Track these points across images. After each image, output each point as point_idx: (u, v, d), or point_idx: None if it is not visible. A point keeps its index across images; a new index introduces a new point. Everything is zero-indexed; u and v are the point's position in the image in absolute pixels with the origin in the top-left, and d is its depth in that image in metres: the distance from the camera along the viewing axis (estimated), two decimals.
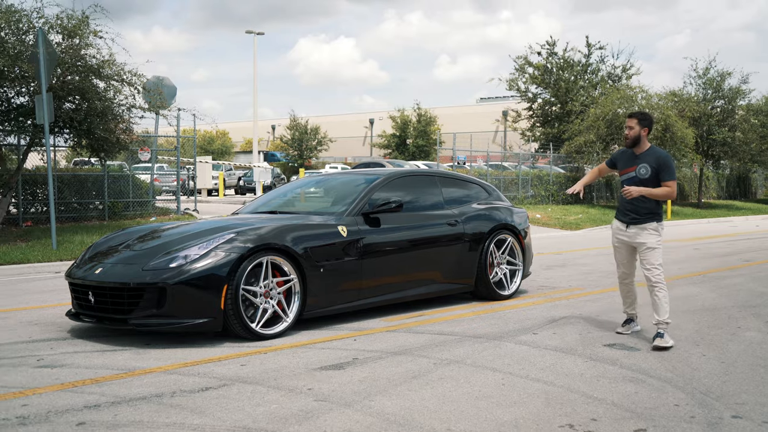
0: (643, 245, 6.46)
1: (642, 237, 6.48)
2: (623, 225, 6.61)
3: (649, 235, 6.45)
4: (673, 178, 6.42)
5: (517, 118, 34.52)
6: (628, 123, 6.52)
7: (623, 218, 6.61)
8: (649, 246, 6.44)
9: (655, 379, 5.26)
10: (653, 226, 6.46)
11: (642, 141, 6.49)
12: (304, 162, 53.46)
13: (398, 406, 4.58)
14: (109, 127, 14.88)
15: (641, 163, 6.44)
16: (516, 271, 8.74)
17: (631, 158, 6.55)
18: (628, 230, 6.56)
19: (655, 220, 6.46)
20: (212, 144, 69.07)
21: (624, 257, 6.74)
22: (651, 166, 6.39)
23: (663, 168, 6.37)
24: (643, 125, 6.47)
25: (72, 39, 14.30)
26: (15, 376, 5.23)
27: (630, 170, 6.51)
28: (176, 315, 6.07)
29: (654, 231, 6.46)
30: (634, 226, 6.51)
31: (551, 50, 32.15)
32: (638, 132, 6.45)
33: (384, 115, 61.65)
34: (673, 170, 6.44)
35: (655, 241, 6.44)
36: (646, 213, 6.47)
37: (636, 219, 6.50)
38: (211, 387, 4.94)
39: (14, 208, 16.61)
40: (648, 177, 6.41)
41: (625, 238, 6.60)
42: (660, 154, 6.45)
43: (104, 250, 6.99)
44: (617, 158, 6.74)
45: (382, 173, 8.14)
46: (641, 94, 28.45)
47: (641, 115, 6.53)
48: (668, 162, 6.40)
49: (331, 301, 6.90)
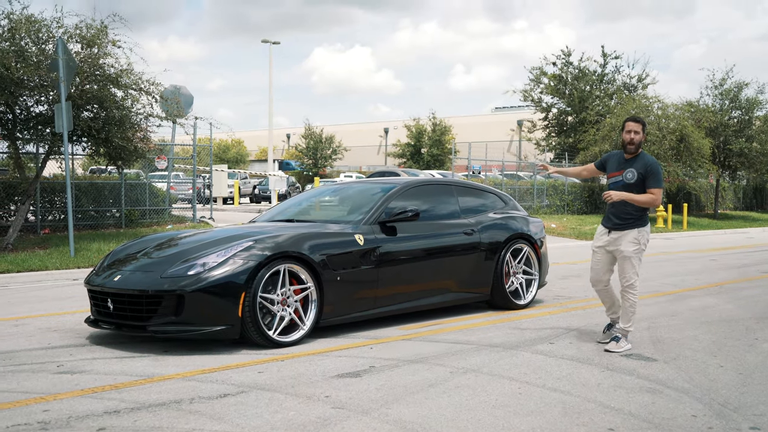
0: (620, 253, 6.39)
1: (620, 244, 6.39)
2: (605, 230, 6.54)
3: (629, 243, 6.35)
4: (660, 186, 6.33)
5: (532, 128, 34.51)
6: (633, 127, 6.41)
7: (607, 223, 6.54)
8: (626, 255, 6.35)
9: (673, 389, 5.25)
10: (634, 234, 6.35)
11: (640, 147, 6.46)
12: (318, 171, 53.59)
13: (415, 414, 4.59)
14: (126, 136, 14.98)
15: (629, 168, 6.36)
16: (532, 280, 8.73)
17: (621, 162, 6.48)
18: (609, 235, 6.48)
19: (636, 227, 6.36)
20: (227, 152, 69.42)
21: (598, 262, 6.65)
22: (638, 172, 6.31)
23: (651, 175, 6.29)
24: (644, 131, 6.47)
25: (91, 48, 14.43)
26: (35, 382, 5.28)
27: (617, 174, 6.44)
28: (194, 322, 6.12)
29: (634, 240, 6.35)
30: (616, 231, 6.43)
31: (566, 60, 32.14)
32: (642, 137, 6.41)
33: (399, 124, 61.75)
34: (661, 178, 6.35)
35: (633, 250, 6.35)
36: (628, 219, 6.37)
37: (618, 225, 6.40)
38: (229, 394, 4.97)
39: (32, 215, 16.75)
40: (633, 182, 6.33)
41: (604, 243, 6.53)
42: (649, 160, 6.37)
43: (123, 257, 7.05)
44: (607, 160, 6.66)
45: (398, 182, 8.17)
46: (657, 104, 28.39)
47: (644, 121, 6.52)
48: (656, 169, 6.32)
49: (347, 310, 6.93)
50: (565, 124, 33.55)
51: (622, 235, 6.39)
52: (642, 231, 6.39)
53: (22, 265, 11.95)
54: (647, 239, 6.46)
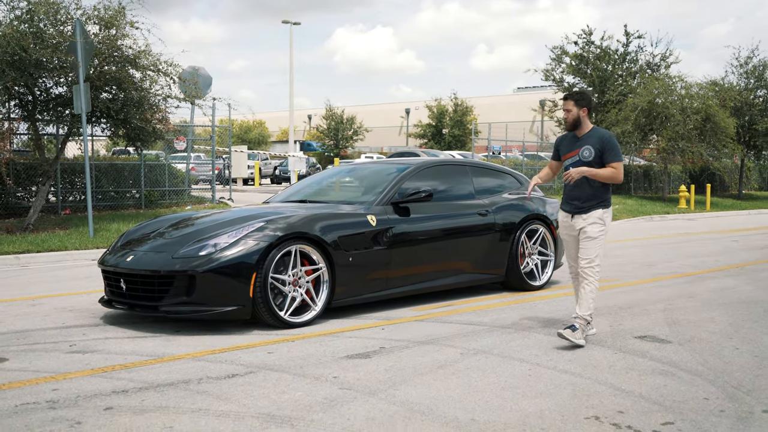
0: (584, 233, 5.96)
1: (584, 224, 5.97)
2: (568, 216, 6.12)
3: (592, 224, 5.95)
4: (619, 159, 5.90)
5: (553, 108, 34.18)
6: (565, 105, 6.04)
7: (567, 208, 6.12)
8: (589, 234, 5.94)
9: (686, 372, 5.18)
10: (598, 214, 5.96)
11: (582, 122, 6.01)
12: (339, 152, 53.55)
13: (423, 395, 4.57)
14: (145, 117, 15.01)
15: (584, 146, 5.95)
16: (548, 261, 8.66)
17: (573, 142, 6.08)
18: (573, 221, 6.07)
19: (600, 207, 5.96)
20: (249, 133, 69.53)
21: (573, 250, 6.20)
22: (595, 148, 5.90)
23: (607, 148, 5.89)
24: (581, 106, 5.98)
25: (109, 30, 14.43)
26: (47, 361, 5.32)
27: (573, 154, 6.04)
28: (205, 302, 6.12)
29: (598, 220, 5.96)
30: (579, 215, 6.01)
31: (588, 39, 31.75)
32: (577, 114, 5.97)
33: (420, 105, 61.49)
34: (618, 151, 5.94)
35: (597, 231, 5.94)
36: (591, 199, 5.97)
37: (580, 208, 5.99)
38: (237, 374, 4.97)
39: (53, 196, 16.88)
40: (592, 159, 5.91)
41: (572, 231, 6.10)
42: (603, 134, 5.98)
43: (136, 237, 7.07)
44: (559, 145, 6.25)
45: (412, 163, 8.11)
46: (680, 83, 27.99)
47: (578, 95, 6.03)
48: (612, 142, 5.94)
49: (359, 290, 6.91)
50: None
51: (586, 217, 5.97)
52: (606, 212, 6.00)
53: (42, 246, 12.05)
54: (610, 220, 6.06)
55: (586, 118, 6.03)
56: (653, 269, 10.46)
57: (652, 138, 28.90)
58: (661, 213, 23.88)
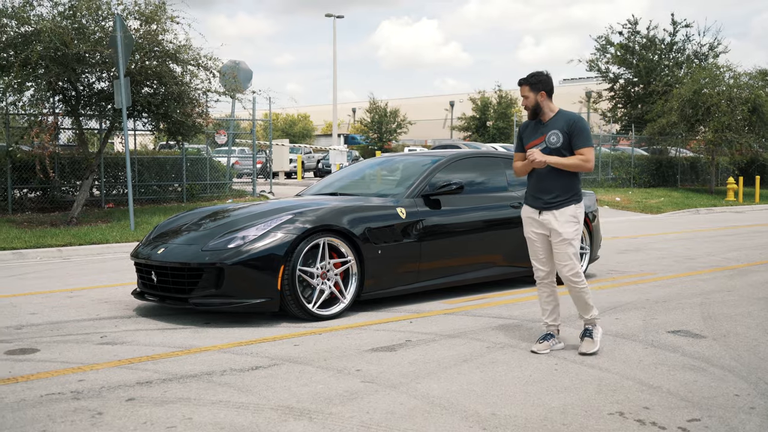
0: (558, 236, 5.33)
1: (557, 225, 5.33)
2: (535, 211, 5.46)
3: (566, 223, 5.32)
4: (589, 145, 5.27)
5: (597, 99, 33.74)
6: (521, 92, 5.40)
7: (533, 203, 5.47)
8: (565, 237, 5.31)
9: (717, 367, 5.06)
10: (571, 211, 5.33)
11: (543, 107, 5.38)
12: (383, 145, 53.54)
13: (444, 389, 4.53)
14: (185, 111, 15.17)
15: (552, 130, 5.32)
16: (583, 254, 8.54)
17: (537, 128, 5.44)
18: (540, 217, 5.42)
19: (573, 203, 5.35)
20: (294, 127, 69.89)
21: (540, 251, 5.53)
22: (563, 132, 5.29)
23: (576, 132, 5.27)
24: (537, 90, 5.34)
25: (149, 25, 14.60)
26: (77, 352, 5.40)
27: (538, 141, 5.39)
28: (234, 295, 6.16)
29: (572, 218, 5.33)
30: (548, 212, 5.37)
31: (633, 29, 31.24)
32: (534, 99, 5.34)
33: (465, 98, 61.12)
34: (588, 135, 5.31)
35: (573, 231, 5.33)
36: (562, 194, 5.35)
37: (549, 204, 5.36)
38: (261, 366, 4.99)
39: (97, 190, 17.17)
40: (561, 145, 5.30)
41: (539, 229, 5.47)
42: (571, 117, 5.36)
43: (168, 230, 7.14)
44: (521, 133, 5.59)
45: (444, 155, 8.05)
46: (728, 73, 27.39)
47: (532, 79, 5.35)
48: (581, 125, 5.30)
49: (389, 283, 6.88)
50: (632, 95, 32.68)
51: (558, 214, 5.35)
52: (579, 207, 5.38)
53: (84, 238, 12.25)
54: (583, 218, 5.46)
55: (547, 102, 5.39)
56: (693, 262, 10.25)
57: (699, 129, 28.33)
58: (707, 205, 23.42)
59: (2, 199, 15.56)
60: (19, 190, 16.06)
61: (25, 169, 15.50)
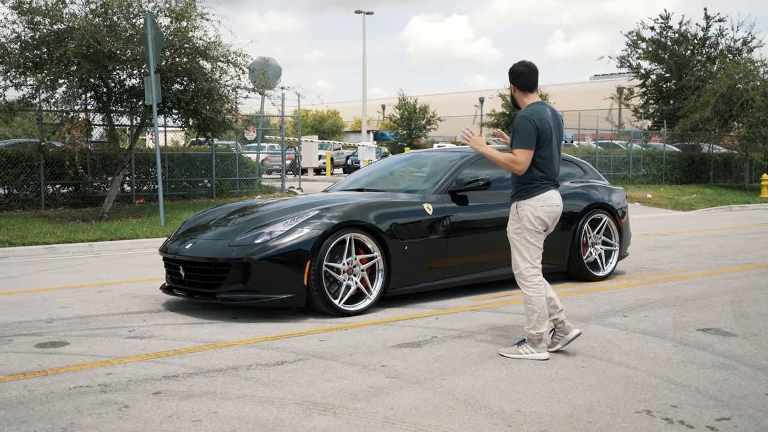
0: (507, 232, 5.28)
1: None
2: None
3: (510, 220, 5.21)
4: (519, 146, 4.98)
5: (629, 95, 33.40)
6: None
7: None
8: (509, 234, 5.20)
9: (748, 366, 4.98)
10: (513, 208, 5.18)
11: (519, 101, 5.22)
12: (412, 141, 53.47)
13: (470, 385, 4.51)
14: (215, 107, 15.27)
15: None
16: (612, 251, 8.46)
17: None
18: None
19: (517, 199, 5.14)
20: (323, 124, 70.04)
21: None
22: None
23: (513, 132, 5.06)
24: (511, 82, 5.19)
25: (180, 22, 14.70)
26: (106, 346, 5.45)
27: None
28: (260, 290, 6.18)
29: (513, 215, 5.17)
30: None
31: (665, 24, 30.87)
32: (513, 91, 5.20)
33: (494, 94, 60.86)
34: (521, 135, 4.99)
35: (513, 229, 5.16)
36: (513, 189, 5.20)
37: (510, 196, 5.28)
38: (286, 361, 5.00)
39: (128, 186, 17.35)
40: (510, 142, 5.15)
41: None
42: (519, 114, 5.12)
43: (197, 225, 7.19)
44: None
45: (471, 151, 8.00)
46: (763, 68, 26.96)
47: (510, 73, 5.18)
48: (516, 124, 5.04)
49: (415, 279, 6.87)
50: (664, 91, 32.31)
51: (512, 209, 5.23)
52: (522, 205, 5.10)
53: (114, 234, 12.38)
54: (532, 216, 5.06)
55: (521, 95, 5.19)
56: (725, 260, 10.11)
57: (733, 125, 27.93)
58: (741, 202, 23.09)
59: (35, 194, 15.78)
60: (52, 186, 16.26)
61: (57, 164, 15.69)
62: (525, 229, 5.09)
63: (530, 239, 5.10)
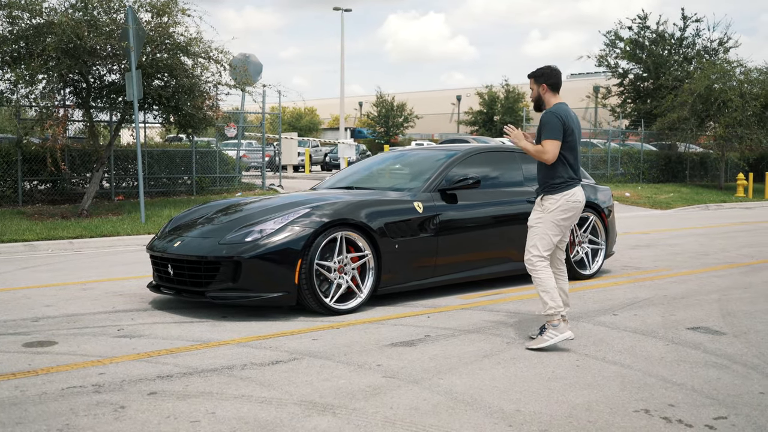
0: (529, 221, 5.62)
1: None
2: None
3: (534, 210, 5.57)
4: (550, 138, 5.36)
5: (606, 95, 33.58)
6: (530, 85, 5.67)
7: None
8: (530, 223, 5.55)
9: (741, 365, 5.02)
10: (539, 200, 5.54)
11: (545, 100, 5.59)
12: (390, 139, 53.47)
13: (467, 384, 4.50)
14: (196, 104, 15.14)
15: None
16: (598, 250, 8.50)
17: None
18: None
19: (543, 192, 5.51)
20: (300, 121, 69.82)
21: None
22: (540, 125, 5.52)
23: (541, 126, 5.45)
24: (539, 83, 5.58)
25: (161, 17, 14.56)
26: (95, 345, 5.38)
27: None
28: (251, 288, 6.13)
29: (538, 206, 5.53)
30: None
31: (643, 24, 31.08)
32: (536, 92, 5.59)
33: (471, 92, 61.00)
34: (550, 127, 5.38)
35: (534, 218, 5.51)
36: (540, 183, 5.59)
37: (537, 191, 5.66)
38: (281, 360, 4.96)
39: (107, 182, 17.16)
40: (538, 137, 5.54)
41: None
42: (546, 111, 5.51)
43: (184, 223, 7.12)
44: None
45: (460, 149, 8.00)
46: (739, 68, 27.22)
47: (537, 72, 5.62)
48: (544, 118, 5.43)
49: (405, 278, 6.85)
50: (641, 91, 32.53)
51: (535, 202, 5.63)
52: (548, 198, 5.47)
53: (95, 231, 12.24)
54: (556, 208, 5.42)
55: (549, 95, 5.57)
56: (707, 258, 10.19)
57: (709, 125, 28.17)
58: (717, 201, 23.32)
59: (12, 190, 15.56)
60: (29, 182, 16.05)
61: (35, 161, 15.49)
62: (546, 219, 5.44)
63: (548, 231, 5.43)
